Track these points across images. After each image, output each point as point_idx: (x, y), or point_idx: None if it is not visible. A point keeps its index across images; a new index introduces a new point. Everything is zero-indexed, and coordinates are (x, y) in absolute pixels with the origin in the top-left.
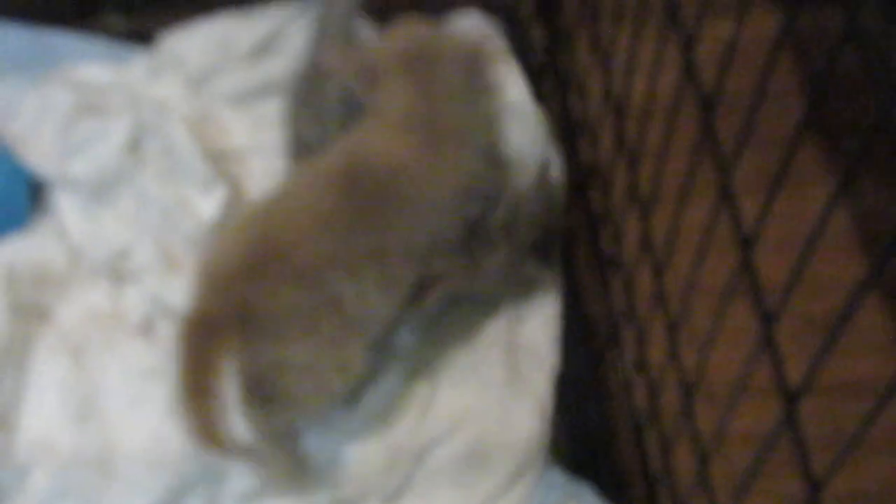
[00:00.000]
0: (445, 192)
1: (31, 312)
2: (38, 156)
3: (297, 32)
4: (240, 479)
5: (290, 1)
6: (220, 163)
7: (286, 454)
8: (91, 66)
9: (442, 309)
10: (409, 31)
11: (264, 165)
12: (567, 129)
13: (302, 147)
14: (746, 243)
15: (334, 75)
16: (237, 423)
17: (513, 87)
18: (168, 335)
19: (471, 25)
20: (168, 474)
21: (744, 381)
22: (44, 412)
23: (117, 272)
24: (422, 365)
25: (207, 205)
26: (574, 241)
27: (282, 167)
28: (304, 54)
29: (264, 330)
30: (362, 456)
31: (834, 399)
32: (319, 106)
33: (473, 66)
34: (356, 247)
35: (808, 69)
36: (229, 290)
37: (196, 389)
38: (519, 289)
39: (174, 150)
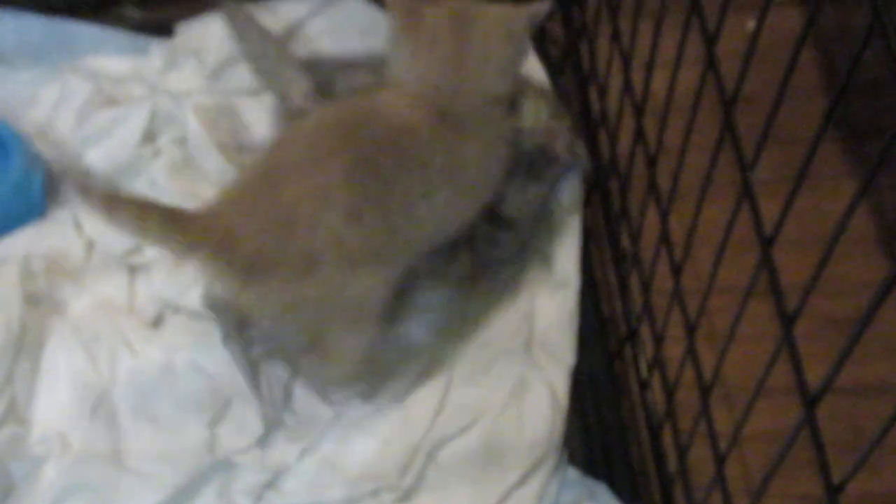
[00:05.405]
0: (463, 175)
1: (46, 303)
2: (56, 146)
3: (318, 23)
4: (251, 474)
5: None
6: (237, 155)
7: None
8: (109, 56)
9: (453, 302)
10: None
11: None
12: (587, 125)
13: None
14: (767, 242)
15: None
16: None
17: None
18: (177, 331)
19: None
20: (180, 468)
21: (762, 381)
22: (57, 405)
23: (130, 266)
24: (436, 361)
25: None
26: (592, 238)
27: None
28: None
29: (268, 272)
30: (377, 453)
31: (853, 400)
32: None
33: (512, 31)
34: (353, 191)
35: (831, 66)
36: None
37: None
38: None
39: (187, 142)
